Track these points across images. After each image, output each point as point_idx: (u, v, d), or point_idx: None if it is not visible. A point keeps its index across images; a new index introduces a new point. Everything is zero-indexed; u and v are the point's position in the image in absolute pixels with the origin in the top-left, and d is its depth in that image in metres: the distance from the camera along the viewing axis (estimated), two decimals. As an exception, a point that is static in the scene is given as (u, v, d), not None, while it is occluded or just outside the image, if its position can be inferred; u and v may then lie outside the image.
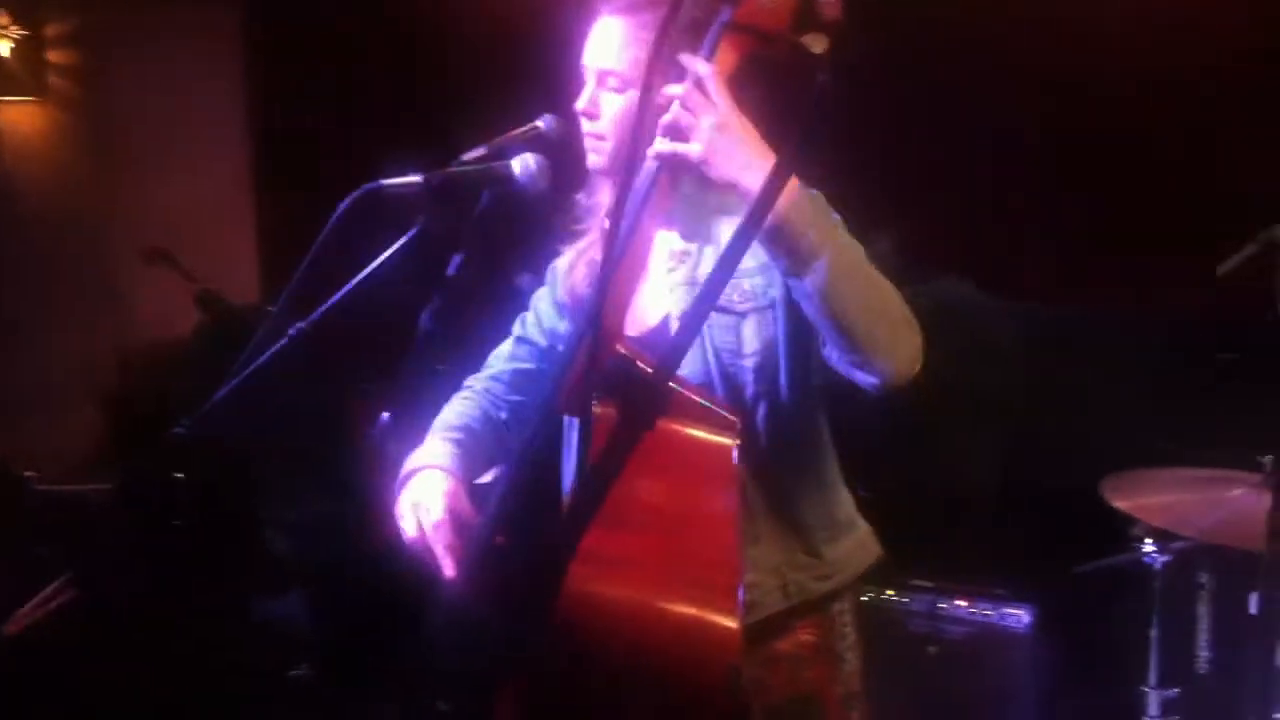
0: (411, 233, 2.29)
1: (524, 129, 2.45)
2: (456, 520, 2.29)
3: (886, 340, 1.95)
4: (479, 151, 2.44)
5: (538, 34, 5.00)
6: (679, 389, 2.09)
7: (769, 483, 2.23)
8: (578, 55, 2.27)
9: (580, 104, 2.25)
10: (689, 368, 2.20)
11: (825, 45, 1.91)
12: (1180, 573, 3.49)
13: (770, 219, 1.91)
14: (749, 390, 2.21)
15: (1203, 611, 3.66)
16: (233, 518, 3.82)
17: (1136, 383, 4.21)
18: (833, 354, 2.02)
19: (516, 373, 2.61)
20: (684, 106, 1.93)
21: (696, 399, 2.07)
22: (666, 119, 1.96)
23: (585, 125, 2.27)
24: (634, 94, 2.19)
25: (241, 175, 5.60)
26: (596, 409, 2.00)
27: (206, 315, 4.69)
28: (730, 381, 2.21)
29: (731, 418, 2.02)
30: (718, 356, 2.20)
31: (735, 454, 1.92)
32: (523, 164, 2.29)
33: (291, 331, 2.28)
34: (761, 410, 2.23)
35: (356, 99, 5.36)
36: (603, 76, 2.22)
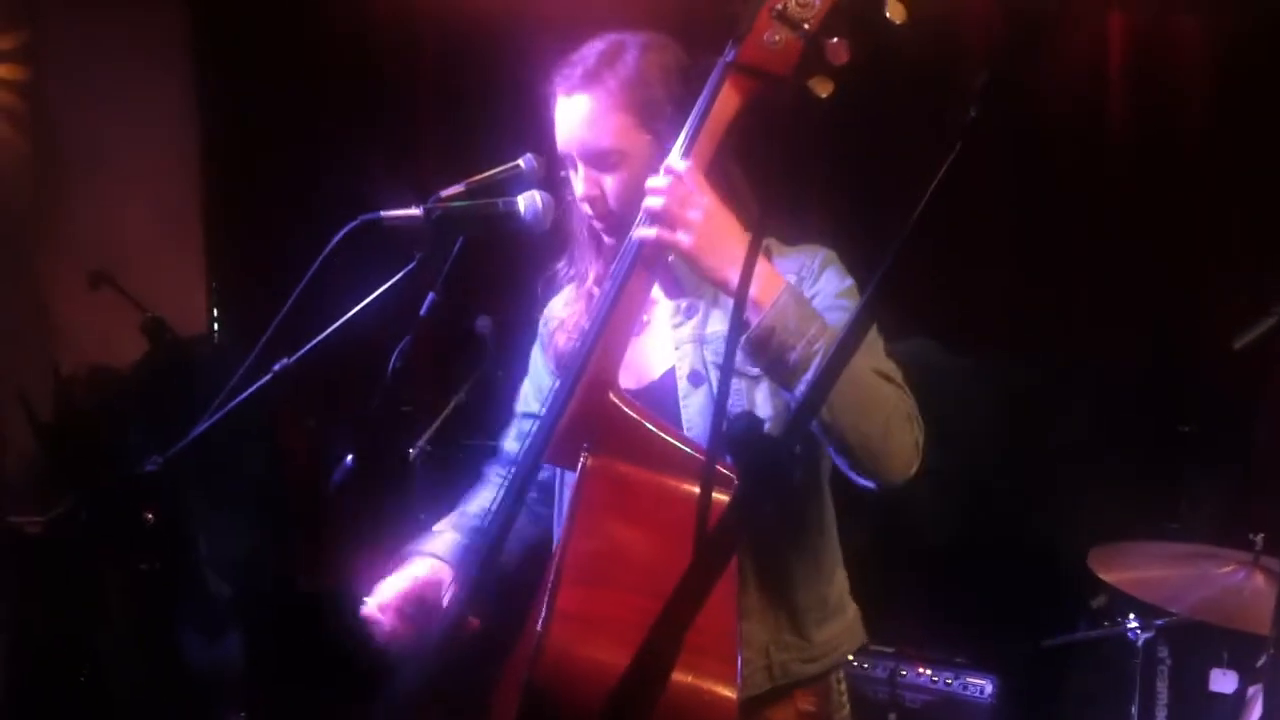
0: (410, 266, 2.19)
1: (505, 167, 2.36)
2: (410, 606, 2.23)
3: (880, 448, 1.91)
4: (457, 189, 2.34)
5: (498, 67, 4.96)
6: (675, 441, 2.01)
7: (766, 559, 2.13)
8: (552, 139, 2.17)
9: (581, 191, 2.14)
10: (699, 429, 2.11)
11: (831, 89, 1.86)
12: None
13: (755, 330, 1.89)
14: None
15: (1161, 688, 3.63)
16: (185, 559, 3.67)
17: (1102, 451, 4.19)
18: (830, 453, 1.99)
19: None
20: (670, 197, 1.90)
21: (692, 452, 1.99)
22: (652, 204, 1.92)
23: (592, 209, 2.15)
24: (631, 165, 2.09)
25: (190, 199, 5.43)
26: (585, 459, 1.92)
27: (152, 345, 4.54)
28: None
29: (729, 474, 1.94)
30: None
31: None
32: (529, 201, 2.19)
33: (276, 367, 2.16)
34: None
35: (311, 121, 5.22)
36: (594, 159, 2.11)
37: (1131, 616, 3.29)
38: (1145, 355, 4.31)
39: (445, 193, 2.31)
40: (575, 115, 2.11)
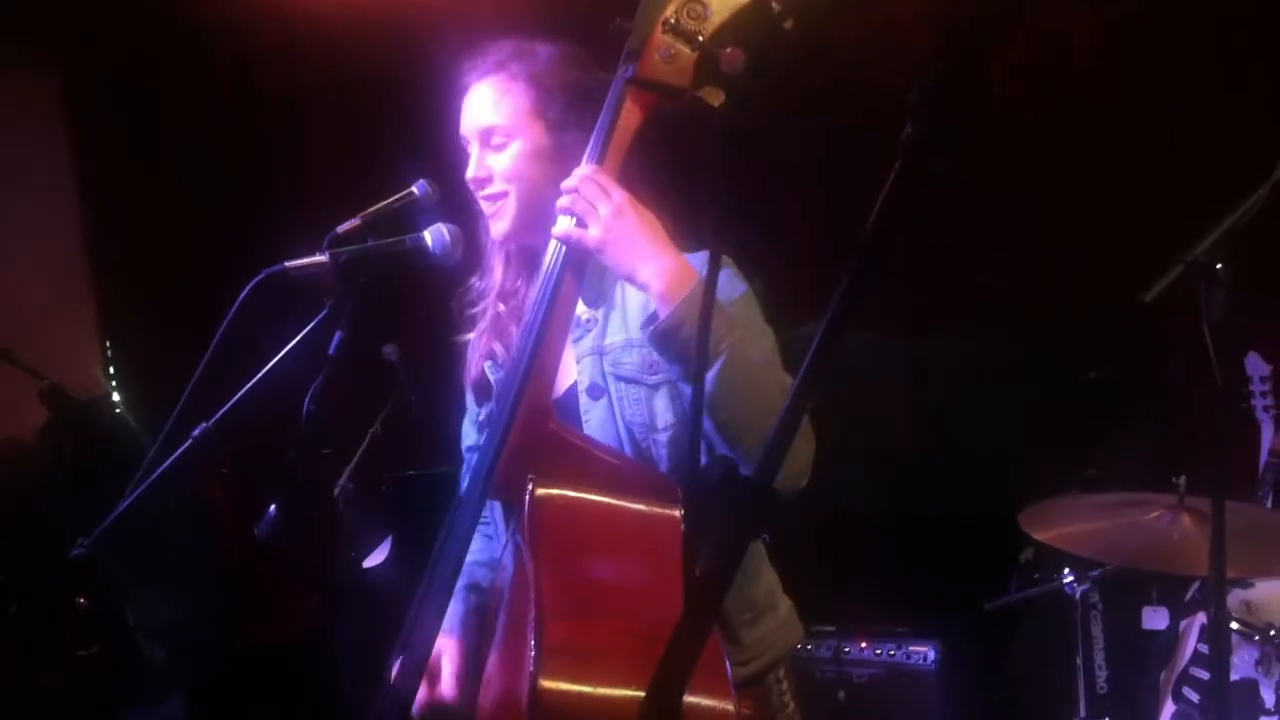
0: (321, 315, 2.15)
1: (398, 196, 2.35)
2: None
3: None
4: (353, 222, 2.32)
5: (384, 106, 4.91)
6: (610, 457, 2.01)
7: None
8: (455, 131, 2.21)
9: (470, 173, 2.18)
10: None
11: (722, 99, 1.88)
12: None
13: (664, 322, 1.91)
14: (664, 466, 2.11)
15: (1097, 632, 3.70)
16: (121, 635, 3.57)
17: (1015, 409, 4.25)
18: None
19: None
20: (581, 194, 1.93)
21: (632, 468, 1.99)
22: (563, 202, 1.95)
23: (481, 192, 2.19)
24: (519, 144, 2.14)
25: (76, 262, 5.31)
26: (533, 490, 1.91)
27: (52, 412, 4.42)
28: (644, 457, 2.12)
29: (673, 484, 1.96)
30: (630, 431, 2.12)
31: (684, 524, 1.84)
32: (436, 234, 2.17)
33: (196, 432, 2.11)
34: None
35: (193, 171, 5.13)
36: (485, 136, 2.16)
37: (1066, 570, 3.35)
38: (1052, 312, 4.35)
39: (342, 228, 2.28)
40: (475, 99, 2.17)
